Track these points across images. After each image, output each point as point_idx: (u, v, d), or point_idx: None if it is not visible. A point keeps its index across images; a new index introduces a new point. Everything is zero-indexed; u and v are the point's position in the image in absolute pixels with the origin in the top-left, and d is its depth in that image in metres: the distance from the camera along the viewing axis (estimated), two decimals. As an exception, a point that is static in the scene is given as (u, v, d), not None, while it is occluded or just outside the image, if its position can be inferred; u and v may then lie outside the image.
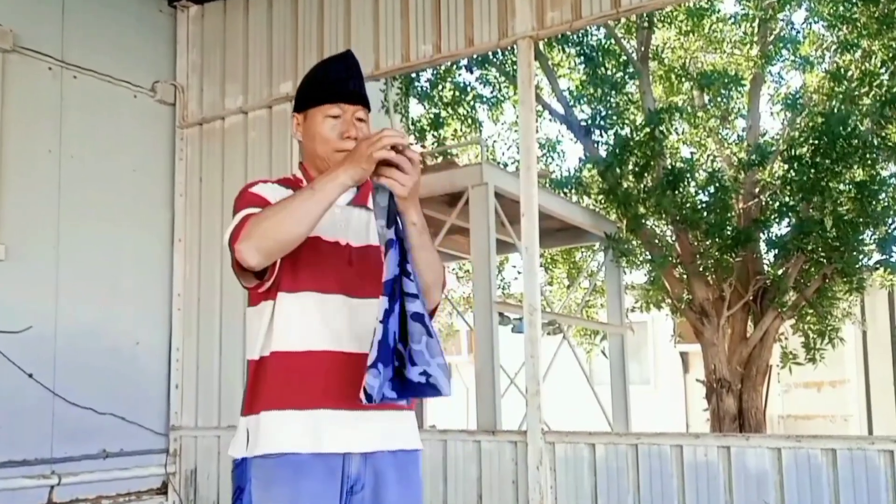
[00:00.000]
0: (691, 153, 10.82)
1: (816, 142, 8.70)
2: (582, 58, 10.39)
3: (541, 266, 11.54)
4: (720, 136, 11.06)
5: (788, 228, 9.41)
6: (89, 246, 5.82)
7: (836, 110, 9.01)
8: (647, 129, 9.23)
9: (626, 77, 10.25)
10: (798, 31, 10.68)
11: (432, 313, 2.32)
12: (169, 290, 6.34)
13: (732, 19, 10.99)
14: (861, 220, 8.63)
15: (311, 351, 2.25)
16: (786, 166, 9.11)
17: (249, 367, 2.33)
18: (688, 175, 9.32)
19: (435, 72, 10.93)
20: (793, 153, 8.95)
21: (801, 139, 9.08)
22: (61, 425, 5.49)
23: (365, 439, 2.28)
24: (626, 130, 9.79)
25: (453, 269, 14.42)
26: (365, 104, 2.42)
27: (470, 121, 11.45)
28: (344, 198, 2.36)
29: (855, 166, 8.94)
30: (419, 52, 5.53)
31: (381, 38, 5.65)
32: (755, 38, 10.78)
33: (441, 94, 11.18)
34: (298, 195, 2.15)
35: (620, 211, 9.48)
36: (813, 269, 9.18)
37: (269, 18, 6.21)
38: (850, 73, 9.42)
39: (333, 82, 2.37)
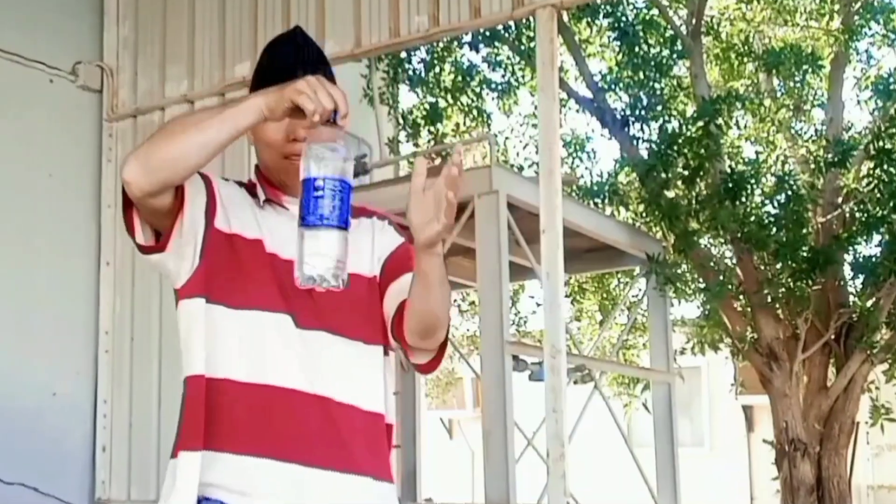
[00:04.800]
0: (756, 153, 10.84)
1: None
2: (617, 32, 10.42)
3: (566, 296, 11.54)
4: (792, 132, 11.08)
5: (879, 248, 9.41)
6: (-7, 271, 5.82)
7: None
8: (701, 123, 9.25)
9: (674, 57, 10.28)
10: (890, -1, 10.76)
11: (438, 361, 2.42)
12: (94, 328, 6.33)
13: (808, -17, 11.07)
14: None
15: (271, 386, 2.25)
16: (871, 164, 9.11)
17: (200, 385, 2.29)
18: (752, 180, 9.33)
19: (431, 50, 10.97)
20: (882, 146, 8.94)
21: (892, 132, 9.08)
22: (-43, 499, 5.48)
23: None
24: (674, 124, 9.82)
25: (456, 301, 14.42)
26: None
27: (476, 112, 11.47)
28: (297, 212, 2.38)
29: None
30: (411, 26, 5.51)
31: (364, 6, 5.62)
32: (836, 7, 10.82)
33: (439, 78, 11.20)
34: (203, 110, 2.23)
35: (666, 226, 9.48)
36: (910, 300, 9.19)
37: (222, -17, 6.24)
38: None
39: (277, 72, 2.31)
